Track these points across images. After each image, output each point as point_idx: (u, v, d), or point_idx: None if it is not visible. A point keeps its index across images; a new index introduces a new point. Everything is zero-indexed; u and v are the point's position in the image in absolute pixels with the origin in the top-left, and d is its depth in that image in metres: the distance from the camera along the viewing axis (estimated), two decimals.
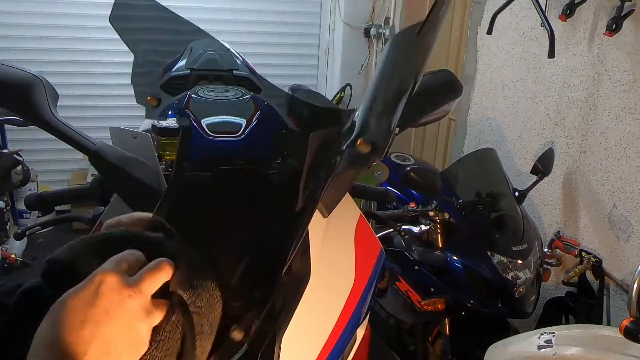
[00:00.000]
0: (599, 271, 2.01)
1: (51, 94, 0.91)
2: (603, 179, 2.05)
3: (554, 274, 2.20)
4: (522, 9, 2.38)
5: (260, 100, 1.01)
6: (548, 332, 1.43)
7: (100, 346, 0.43)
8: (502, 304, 1.71)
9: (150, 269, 0.48)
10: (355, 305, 0.83)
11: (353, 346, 0.85)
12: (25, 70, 0.91)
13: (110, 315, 0.44)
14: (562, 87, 2.23)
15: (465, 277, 1.73)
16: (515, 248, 1.74)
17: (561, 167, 2.24)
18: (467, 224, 1.81)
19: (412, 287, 1.87)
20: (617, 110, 1.96)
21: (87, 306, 0.44)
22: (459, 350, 1.82)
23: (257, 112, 0.93)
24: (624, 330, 1.16)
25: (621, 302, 1.98)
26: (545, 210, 2.38)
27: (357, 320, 0.84)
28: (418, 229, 1.72)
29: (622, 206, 1.97)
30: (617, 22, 1.82)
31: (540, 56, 2.33)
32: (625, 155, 1.94)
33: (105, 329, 0.43)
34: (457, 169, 2.02)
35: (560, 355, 1.35)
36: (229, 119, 0.90)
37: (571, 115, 2.19)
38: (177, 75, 1.80)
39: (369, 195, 1.30)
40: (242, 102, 1.00)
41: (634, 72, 1.88)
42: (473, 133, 2.91)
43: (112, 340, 0.44)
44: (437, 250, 1.78)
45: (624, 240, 1.96)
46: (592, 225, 2.12)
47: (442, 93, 1.04)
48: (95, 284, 0.45)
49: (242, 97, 1.02)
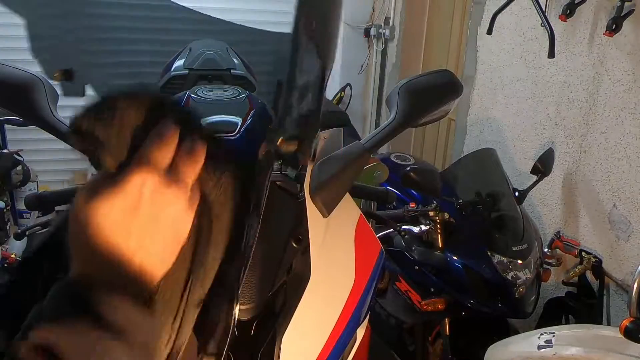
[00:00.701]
0: (599, 271, 2.01)
1: (51, 94, 0.91)
2: (603, 179, 2.05)
3: (554, 274, 2.20)
4: (522, 9, 2.38)
5: (254, 98, 1.01)
6: (548, 332, 1.43)
7: (146, 250, 0.40)
8: (502, 304, 1.71)
9: (187, 154, 0.43)
10: (355, 305, 0.83)
11: (353, 346, 0.85)
12: (25, 70, 0.91)
13: (156, 221, 0.40)
14: (562, 87, 2.23)
15: (465, 277, 1.73)
16: (515, 248, 1.74)
17: (561, 167, 2.24)
18: (467, 224, 1.81)
19: (412, 287, 1.87)
20: (617, 110, 1.96)
21: (129, 215, 0.39)
22: (459, 350, 1.82)
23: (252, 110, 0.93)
24: (624, 330, 1.16)
25: (621, 302, 1.98)
26: (545, 210, 2.38)
27: (357, 320, 0.84)
28: (418, 229, 1.72)
29: (622, 206, 1.97)
30: (617, 22, 1.82)
31: (540, 56, 2.33)
32: (625, 155, 1.94)
33: (152, 234, 0.40)
34: (457, 169, 2.02)
35: (560, 355, 1.35)
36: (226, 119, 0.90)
37: (571, 115, 2.19)
38: (177, 75, 1.80)
39: (369, 195, 1.31)
40: (239, 101, 1.00)
41: (634, 72, 1.88)
42: (473, 133, 2.91)
43: (159, 242, 0.41)
44: (437, 250, 1.78)
45: (624, 240, 1.96)
46: (592, 225, 2.12)
47: (442, 93, 1.04)
48: (137, 188, 0.40)
49: (238, 96, 1.02)
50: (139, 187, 0.39)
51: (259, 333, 0.77)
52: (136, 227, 0.39)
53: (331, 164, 0.87)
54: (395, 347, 2.11)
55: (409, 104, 0.99)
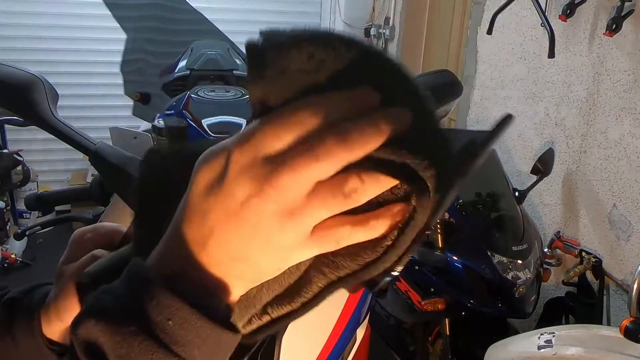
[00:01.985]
0: (599, 271, 2.01)
1: (51, 94, 0.91)
2: (603, 179, 2.05)
3: (554, 274, 2.20)
4: (522, 9, 2.38)
5: None
6: (548, 332, 1.43)
7: (220, 248, 0.29)
8: (502, 304, 1.71)
9: (338, 135, 0.27)
10: (355, 305, 0.83)
11: (353, 346, 0.85)
12: (25, 70, 0.90)
13: (232, 214, 0.28)
14: (562, 87, 2.23)
15: (465, 277, 1.73)
16: (515, 248, 1.74)
17: (561, 167, 2.24)
18: (467, 224, 1.81)
19: (412, 287, 1.87)
20: (617, 110, 1.96)
21: (210, 191, 0.29)
22: (459, 350, 1.82)
23: None
24: (624, 330, 1.16)
25: (621, 302, 1.97)
26: (545, 210, 2.38)
27: (357, 320, 0.84)
28: None
29: (622, 206, 1.97)
30: (617, 22, 1.82)
31: (540, 56, 2.33)
32: (625, 155, 1.94)
33: (227, 230, 0.28)
34: None
35: (560, 355, 1.35)
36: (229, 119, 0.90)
37: (571, 115, 2.19)
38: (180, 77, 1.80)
39: None
40: (242, 102, 1.00)
41: (634, 72, 1.88)
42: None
43: (239, 244, 0.29)
44: (437, 250, 1.78)
45: (624, 240, 1.96)
46: (592, 225, 2.12)
47: (442, 93, 1.04)
48: (222, 161, 0.28)
49: (241, 97, 1.02)
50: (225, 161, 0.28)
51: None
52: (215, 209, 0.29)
53: None
54: (395, 347, 2.11)
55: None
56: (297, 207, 0.27)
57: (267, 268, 0.30)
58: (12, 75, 0.89)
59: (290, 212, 0.27)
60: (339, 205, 0.28)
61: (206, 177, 0.29)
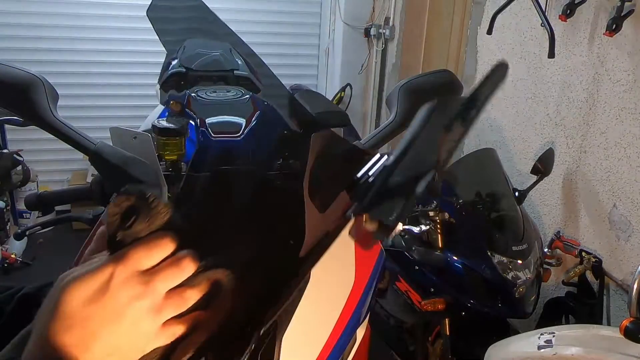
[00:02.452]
0: (599, 271, 2.01)
1: (51, 94, 0.91)
2: (603, 179, 2.05)
3: (554, 274, 2.20)
4: (522, 9, 2.38)
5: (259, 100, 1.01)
6: (548, 332, 1.43)
7: (101, 347, 0.39)
8: (502, 304, 1.71)
9: (171, 264, 0.42)
10: (355, 305, 0.83)
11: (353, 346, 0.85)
12: (25, 70, 0.90)
13: (116, 316, 0.40)
14: (562, 87, 2.23)
15: (465, 277, 1.73)
16: (515, 248, 1.74)
17: (561, 167, 2.24)
18: (467, 224, 1.81)
19: (412, 287, 1.87)
20: (617, 110, 1.96)
21: (92, 302, 0.39)
22: (459, 350, 1.82)
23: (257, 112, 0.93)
24: (624, 330, 1.16)
25: (621, 302, 1.97)
26: (545, 210, 2.38)
27: (357, 320, 0.84)
28: (418, 229, 1.72)
29: (622, 206, 1.97)
30: (617, 22, 1.82)
31: (540, 56, 2.33)
32: (625, 155, 1.94)
33: (109, 330, 0.39)
34: (458, 168, 2.02)
35: (560, 355, 1.35)
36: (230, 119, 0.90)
37: (571, 115, 2.19)
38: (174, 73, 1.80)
39: None
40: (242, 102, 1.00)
41: (634, 72, 1.88)
42: (473, 133, 2.91)
43: (116, 341, 0.40)
44: (437, 250, 1.78)
45: (624, 240, 1.96)
46: (592, 225, 2.12)
47: (442, 93, 1.04)
48: (105, 276, 0.40)
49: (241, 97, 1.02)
50: (108, 276, 0.40)
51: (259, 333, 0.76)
52: (95, 315, 0.39)
53: None
54: (395, 347, 2.11)
55: (409, 104, 0.99)
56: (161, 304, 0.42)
57: (132, 354, 0.41)
58: (12, 75, 0.89)
59: (157, 308, 0.42)
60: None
61: (83, 293, 0.39)
